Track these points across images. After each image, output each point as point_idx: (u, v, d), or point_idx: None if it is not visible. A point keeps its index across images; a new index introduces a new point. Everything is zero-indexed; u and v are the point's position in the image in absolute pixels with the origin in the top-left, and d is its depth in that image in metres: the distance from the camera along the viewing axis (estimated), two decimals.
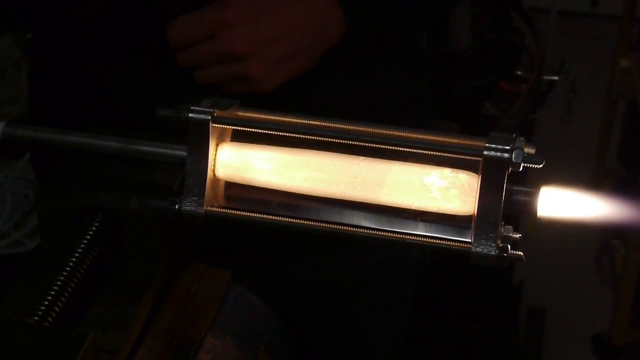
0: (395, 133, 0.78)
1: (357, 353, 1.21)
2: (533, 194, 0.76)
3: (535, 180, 0.78)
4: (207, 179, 0.80)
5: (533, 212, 0.76)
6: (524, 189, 0.77)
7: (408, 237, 0.79)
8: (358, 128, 0.79)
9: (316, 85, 1.02)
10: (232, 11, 0.94)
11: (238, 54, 0.94)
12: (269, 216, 0.81)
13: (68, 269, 0.77)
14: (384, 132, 0.78)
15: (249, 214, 0.82)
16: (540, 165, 0.74)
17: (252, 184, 0.82)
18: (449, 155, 0.76)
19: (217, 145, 0.81)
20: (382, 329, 1.22)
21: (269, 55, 0.95)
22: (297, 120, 0.80)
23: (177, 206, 0.80)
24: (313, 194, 0.81)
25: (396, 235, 0.79)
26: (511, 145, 0.74)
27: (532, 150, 0.75)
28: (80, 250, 0.79)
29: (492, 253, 0.75)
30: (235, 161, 0.81)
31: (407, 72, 1.14)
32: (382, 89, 1.10)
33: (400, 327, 1.27)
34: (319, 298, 1.15)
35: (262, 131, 0.80)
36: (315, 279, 1.14)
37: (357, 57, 1.05)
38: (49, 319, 0.72)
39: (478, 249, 0.76)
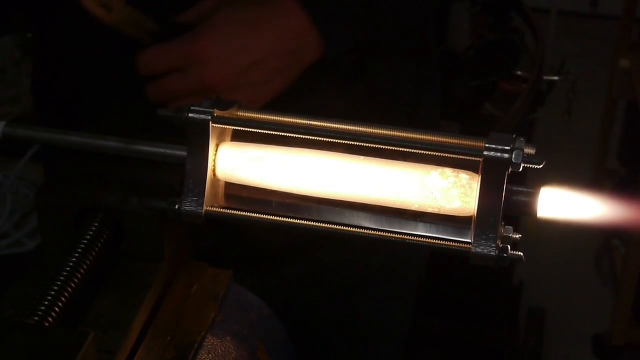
0: (395, 133, 0.78)
1: (358, 354, 1.21)
2: (533, 194, 0.76)
3: (535, 180, 0.79)
4: (207, 179, 0.80)
5: (533, 213, 0.76)
6: (524, 189, 0.77)
7: (408, 237, 0.79)
8: (358, 128, 0.79)
9: (305, 94, 1.01)
10: (203, 45, 0.93)
11: (212, 87, 0.93)
12: (268, 216, 0.81)
13: (68, 269, 0.77)
14: (384, 132, 0.78)
15: (248, 214, 0.82)
16: (540, 166, 0.74)
17: (252, 184, 0.82)
18: (448, 155, 0.76)
19: (217, 145, 0.81)
20: (383, 329, 1.22)
21: (243, 82, 0.94)
22: (297, 121, 0.80)
23: (177, 206, 0.80)
24: (313, 194, 0.81)
25: (396, 235, 0.79)
26: (511, 146, 0.74)
27: (532, 151, 0.75)
28: (80, 250, 0.79)
29: (492, 253, 0.75)
30: (235, 161, 0.81)
31: (402, 77, 1.13)
32: (373, 95, 1.09)
33: (402, 327, 1.27)
34: (318, 298, 1.15)
35: (262, 131, 0.80)
36: (315, 279, 1.14)
37: (345, 65, 1.04)
38: (49, 319, 0.72)
39: (478, 250, 0.76)
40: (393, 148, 0.78)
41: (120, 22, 0.97)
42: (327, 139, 0.79)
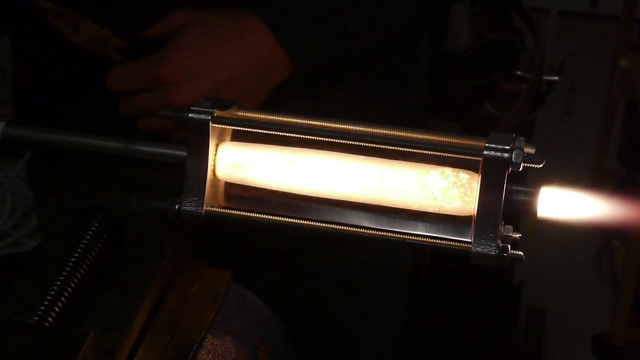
0: (395, 133, 0.78)
1: (349, 354, 1.21)
2: (533, 194, 0.76)
3: (535, 180, 0.79)
4: (207, 179, 0.80)
5: (533, 212, 0.76)
6: (524, 188, 0.77)
7: (408, 237, 0.79)
8: (358, 128, 0.79)
9: (288, 96, 1.01)
10: (169, 69, 0.92)
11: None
12: (268, 216, 0.81)
13: (68, 269, 0.77)
14: (384, 132, 0.78)
15: (248, 214, 0.82)
16: (540, 165, 0.74)
17: (252, 184, 0.82)
18: (449, 155, 0.76)
19: (217, 145, 0.81)
20: (371, 330, 1.22)
21: None
22: (297, 120, 0.80)
23: (177, 206, 0.80)
24: (313, 194, 0.81)
25: (396, 235, 0.79)
26: (511, 145, 0.74)
27: (532, 150, 0.75)
28: (80, 250, 0.79)
29: (492, 253, 0.75)
30: (235, 161, 0.81)
31: (384, 77, 1.12)
32: (355, 96, 1.08)
33: (394, 327, 1.27)
34: (305, 300, 1.15)
35: (262, 131, 0.80)
36: (308, 280, 1.14)
37: (321, 77, 1.03)
38: (49, 319, 0.72)
39: (478, 249, 0.76)
40: (393, 148, 0.78)
41: (87, 40, 0.97)
42: (327, 139, 0.79)
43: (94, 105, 1.01)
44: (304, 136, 0.79)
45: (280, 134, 0.80)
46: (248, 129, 0.80)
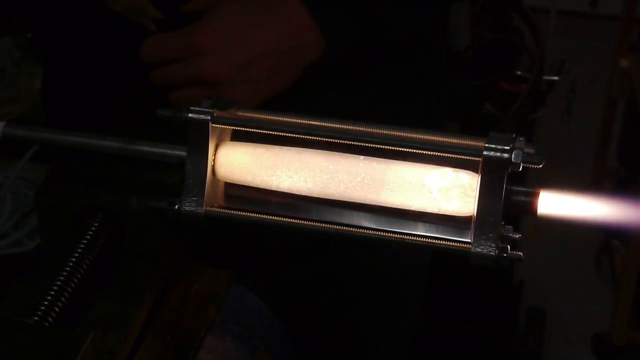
0: (395, 133, 0.78)
1: (359, 356, 1.21)
2: (533, 194, 0.76)
3: (535, 180, 0.78)
4: (207, 179, 0.80)
5: (533, 212, 0.76)
6: (524, 189, 0.77)
7: (408, 237, 0.79)
8: (358, 128, 0.79)
9: (314, 96, 1.01)
10: (203, 38, 0.93)
11: (210, 80, 0.93)
12: (269, 216, 0.81)
13: (68, 269, 0.77)
14: (384, 132, 0.78)
15: (248, 214, 0.82)
16: (540, 165, 0.74)
17: (252, 185, 0.82)
18: (448, 155, 0.76)
19: (216, 145, 0.81)
20: (386, 333, 1.22)
21: (242, 79, 0.94)
22: (297, 120, 0.80)
23: (177, 206, 0.80)
24: (313, 194, 0.81)
25: (396, 235, 0.79)
26: (511, 145, 0.74)
27: (531, 150, 0.75)
28: (80, 250, 0.79)
29: (492, 253, 0.75)
30: (235, 161, 0.81)
31: (411, 78, 1.12)
32: (383, 97, 1.09)
33: (406, 332, 1.26)
34: (318, 303, 1.14)
35: (262, 131, 0.80)
36: (315, 284, 1.14)
37: (353, 64, 1.04)
38: (49, 319, 0.72)
39: (478, 249, 0.76)
40: (393, 148, 0.78)
41: (126, 9, 0.98)
42: (327, 139, 0.79)
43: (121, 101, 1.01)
44: (304, 136, 0.79)
45: (280, 134, 0.80)
46: (248, 129, 0.80)
